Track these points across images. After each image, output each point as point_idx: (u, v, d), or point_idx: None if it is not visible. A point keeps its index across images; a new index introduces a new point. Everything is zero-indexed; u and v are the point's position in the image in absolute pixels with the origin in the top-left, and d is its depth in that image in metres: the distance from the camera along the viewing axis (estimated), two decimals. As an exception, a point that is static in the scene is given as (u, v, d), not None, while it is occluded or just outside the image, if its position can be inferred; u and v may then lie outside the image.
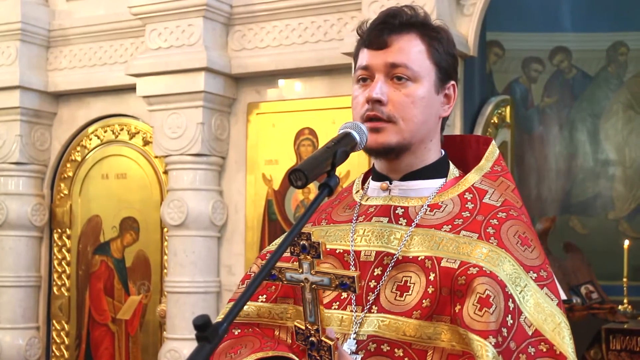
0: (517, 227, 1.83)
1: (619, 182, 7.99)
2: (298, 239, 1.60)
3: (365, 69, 1.87)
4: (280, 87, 5.06)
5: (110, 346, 5.48)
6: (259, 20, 4.97)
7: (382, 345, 1.74)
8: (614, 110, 8.03)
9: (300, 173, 1.56)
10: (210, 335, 1.26)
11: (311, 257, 1.61)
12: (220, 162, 5.12)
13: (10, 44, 5.50)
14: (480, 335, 1.63)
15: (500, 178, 1.94)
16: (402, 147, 1.85)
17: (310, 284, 1.62)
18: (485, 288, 1.67)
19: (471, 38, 4.63)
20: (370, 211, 1.91)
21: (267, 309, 1.91)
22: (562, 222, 7.70)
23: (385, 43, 1.85)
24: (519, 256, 1.77)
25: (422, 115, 1.85)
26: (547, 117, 8.14)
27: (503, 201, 1.87)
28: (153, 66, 5.00)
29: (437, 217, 1.84)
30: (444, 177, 1.92)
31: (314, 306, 1.62)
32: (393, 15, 1.88)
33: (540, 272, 1.78)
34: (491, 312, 1.65)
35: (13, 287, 5.57)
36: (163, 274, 5.28)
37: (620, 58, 8.04)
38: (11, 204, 5.58)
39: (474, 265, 1.72)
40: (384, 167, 1.92)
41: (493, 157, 1.97)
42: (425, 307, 1.73)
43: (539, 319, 1.71)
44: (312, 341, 1.64)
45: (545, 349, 1.69)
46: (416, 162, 1.89)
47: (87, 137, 5.66)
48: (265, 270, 1.44)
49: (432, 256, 1.77)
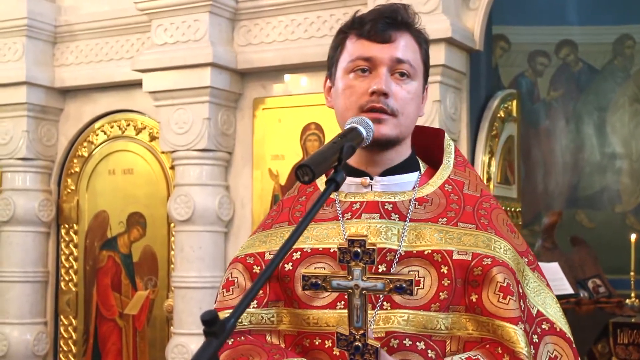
0: (502, 215, 1.92)
1: (625, 176, 7.97)
2: (350, 247, 1.58)
3: (367, 60, 1.87)
4: (286, 82, 5.06)
5: (118, 341, 5.49)
6: (264, 15, 4.97)
7: (405, 340, 1.76)
8: (621, 103, 8.01)
9: (307, 168, 1.55)
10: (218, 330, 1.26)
11: (363, 264, 1.59)
12: (226, 157, 5.12)
13: (16, 40, 5.51)
14: (511, 322, 1.72)
15: (467, 168, 1.99)
16: (397, 140, 1.88)
17: (360, 290, 1.60)
18: (504, 277, 1.76)
19: (477, 32, 4.62)
20: (355, 208, 1.89)
21: (259, 314, 1.88)
22: (569, 216, 7.69)
23: (390, 37, 1.87)
24: (513, 243, 1.86)
25: (415, 112, 1.91)
26: (553, 110, 8.13)
27: (481, 191, 1.94)
28: (159, 62, 5.00)
29: (428, 210, 1.87)
30: (416, 171, 1.95)
31: (362, 312, 1.60)
32: (394, 11, 1.91)
33: (528, 256, 1.90)
34: (515, 300, 1.74)
35: (21, 283, 5.58)
36: (170, 269, 5.29)
37: (626, 51, 8.01)
38: (18, 199, 5.59)
39: (486, 255, 1.78)
40: (362, 161, 1.92)
41: (451, 148, 2.01)
42: (443, 300, 1.77)
43: (538, 301, 1.85)
44: (357, 346, 1.61)
45: (548, 327, 1.83)
46: (397, 157, 1.92)
47: (93, 132, 5.67)
48: (268, 271, 1.39)
49: (441, 250, 1.79)
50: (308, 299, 1.84)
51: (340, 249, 1.59)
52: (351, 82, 1.89)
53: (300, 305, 1.84)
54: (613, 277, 6.23)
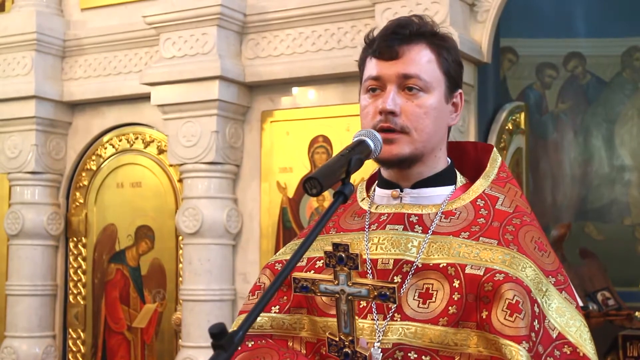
0: (532, 232, 1.85)
1: (634, 188, 7.94)
2: (335, 251, 1.60)
3: (376, 79, 1.87)
4: (294, 95, 5.07)
5: (126, 354, 5.49)
6: (272, 28, 4.99)
7: (410, 353, 1.75)
8: (629, 115, 7.99)
9: (314, 181, 1.56)
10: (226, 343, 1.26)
11: (348, 269, 1.60)
12: (234, 170, 5.13)
13: (25, 54, 5.54)
14: (514, 340, 1.66)
15: (508, 184, 1.95)
16: (415, 157, 1.86)
17: (346, 296, 1.61)
18: (514, 294, 1.70)
19: (485, 44, 4.63)
20: (382, 219, 1.90)
21: (281, 319, 1.91)
22: (578, 229, 7.66)
23: (397, 53, 1.85)
24: (538, 261, 1.79)
25: (434, 125, 1.86)
26: (561, 123, 8.11)
27: (515, 207, 1.89)
28: (167, 75, 5.02)
29: (452, 224, 1.85)
30: (452, 185, 1.93)
31: (350, 317, 1.61)
32: (403, 26, 1.87)
33: (557, 277, 1.82)
34: (522, 318, 1.68)
35: (29, 296, 5.59)
36: (178, 282, 5.29)
37: (635, 63, 7.99)
38: (27, 213, 5.61)
39: (499, 271, 1.74)
40: (394, 175, 1.93)
41: (497, 163, 1.98)
42: (452, 314, 1.74)
43: (561, 322, 1.75)
44: (346, 352, 1.63)
45: (569, 351, 1.73)
46: (426, 170, 1.90)
47: (102, 146, 5.69)
48: (280, 279, 1.44)
49: (455, 263, 1.78)
50: (325, 307, 1.85)
51: (327, 253, 1.60)
52: (365, 102, 1.89)
53: (318, 312, 1.85)
54: (622, 289, 6.20)
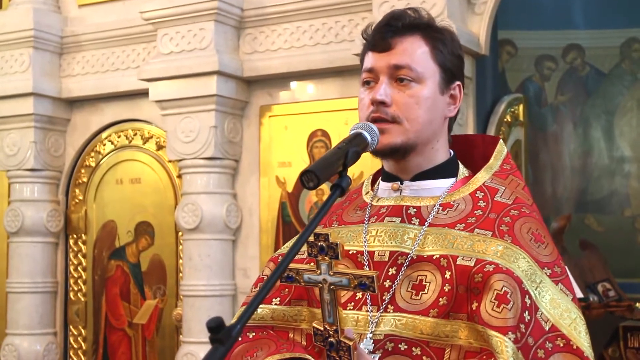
0: (529, 224, 1.85)
1: (634, 179, 7.94)
2: (316, 240, 1.60)
3: (369, 71, 1.89)
4: (292, 90, 5.06)
5: (127, 350, 5.49)
6: (270, 22, 4.98)
7: (400, 344, 1.75)
8: (629, 106, 7.98)
9: (311, 174, 1.56)
10: (223, 337, 1.26)
11: (329, 258, 1.61)
12: (233, 165, 5.12)
13: (23, 51, 5.53)
14: (500, 331, 1.65)
15: (510, 176, 1.95)
16: (408, 147, 1.86)
17: (328, 285, 1.62)
18: (503, 285, 1.69)
19: (483, 37, 4.62)
20: (382, 212, 1.91)
21: (281, 311, 1.93)
22: (578, 220, 7.66)
23: (389, 45, 1.87)
24: (533, 253, 1.79)
25: (427, 115, 1.87)
26: (561, 114, 8.10)
27: (514, 199, 1.89)
28: (165, 71, 5.01)
29: (449, 216, 1.85)
30: (453, 177, 1.94)
31: (333, 307, 1.62)
32: (396, 18, 1.89)
33: (554, 268, 1.80)
34: (509, 309, 1.67)
35: (30, 293, 5.59)
36: (178, 277, 5.29)
37: (634, 54, 7.98)
38: (27, 210, 5.60)
39: (489, 262, 1.73)
40: (393, 167, 1.94)
41: (501, 155, 1.98)
42: (442, 306, 1.74)
43: (555, 315, 1.74)
44: (331, 342, 1.64)
45: (562, 344, 1.71)
46: (424, 162, 1.91)
47: (100, 142, 5.68)
48: (278, 272, 1.44)
49: (448, 255, 1.78)
50: None
51: (309, 242, 1.60)
52: (361, 94, 1.91)
53: (317, 304, 1.86)
54: (623, 280, 6.20)
